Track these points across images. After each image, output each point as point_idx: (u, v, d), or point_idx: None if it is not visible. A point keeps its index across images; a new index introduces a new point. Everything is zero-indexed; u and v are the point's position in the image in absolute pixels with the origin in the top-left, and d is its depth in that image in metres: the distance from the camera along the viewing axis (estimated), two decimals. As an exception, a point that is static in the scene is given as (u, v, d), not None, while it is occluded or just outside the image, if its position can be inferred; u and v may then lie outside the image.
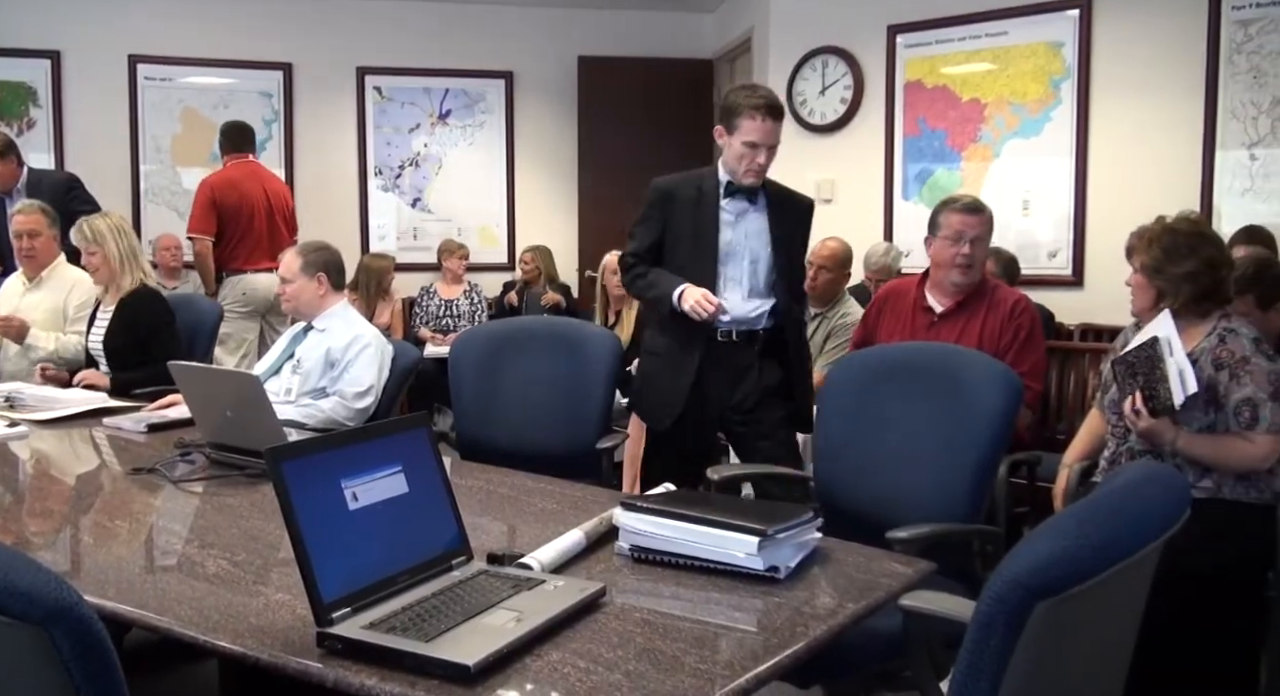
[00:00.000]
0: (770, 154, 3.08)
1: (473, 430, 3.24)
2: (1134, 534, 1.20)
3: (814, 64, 6.02)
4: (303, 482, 1.48)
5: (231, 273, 5.62)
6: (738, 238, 3.16)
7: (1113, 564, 1.14)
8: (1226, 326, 2.62)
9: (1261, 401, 2.51)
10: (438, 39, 7.16)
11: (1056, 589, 1.09)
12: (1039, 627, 1.08)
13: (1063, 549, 1.12)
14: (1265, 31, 4.64)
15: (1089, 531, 1.15)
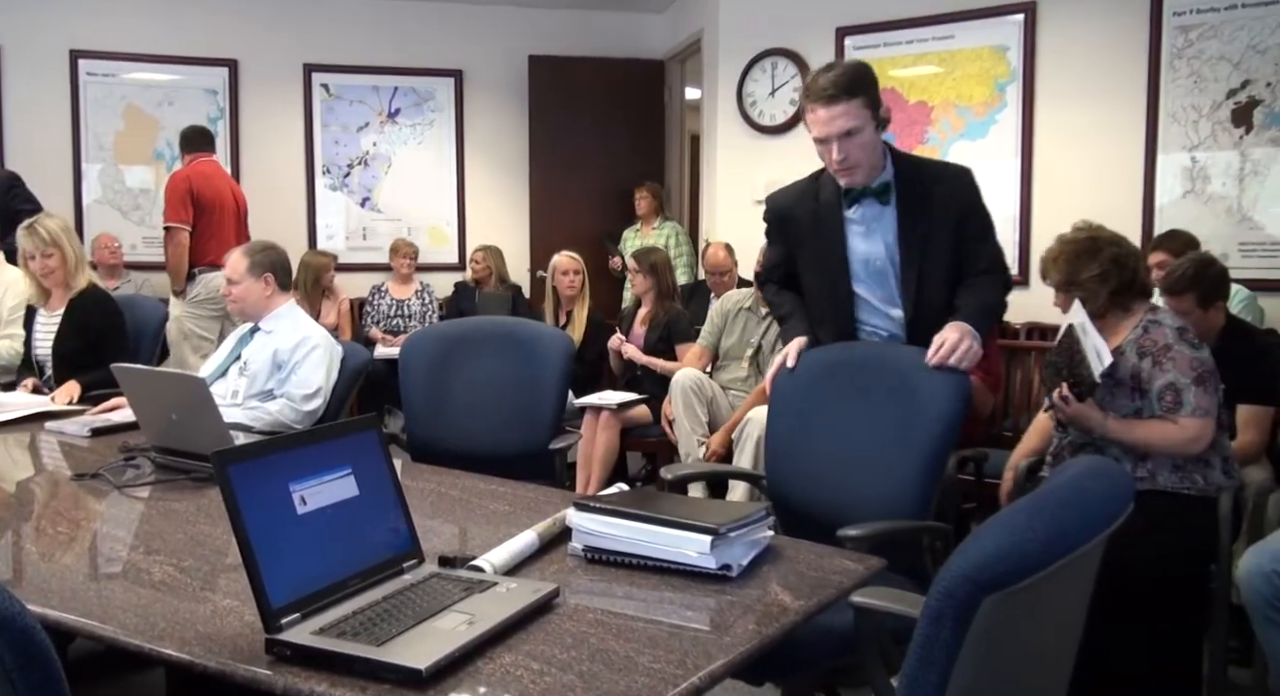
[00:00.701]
0: (848, 144, 2.48)
1: (424, 431, 3.22)
2: (1080, 527, 1.22)
3: (763, 65, 6.05)
4: (250, 486, 1.46)
5: (204, 269, 5.53)
6: (873, 250, 2.65)
7: (1059, 557, 1.16)
8: (1151, 318, 2.74)
9: (1184, 386, 2.63)
10: (386, 36, 7.10)
11: (1003, 583, 1.10)
12: (986, 621, 1.10)
13: (1010, 543, 1.13)
14: (1205, 37, 4.75)
15: (1035, 525, 1.17)
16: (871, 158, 2.55)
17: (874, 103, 2.48)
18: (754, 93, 6.10)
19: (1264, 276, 4.56)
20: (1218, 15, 4.71)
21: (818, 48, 5.86)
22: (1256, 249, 4.67)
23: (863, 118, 2.46)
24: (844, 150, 2.49)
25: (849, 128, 2.45)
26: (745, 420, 3.96)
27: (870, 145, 2.52)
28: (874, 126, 2.49)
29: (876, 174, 2.60)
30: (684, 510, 1.81)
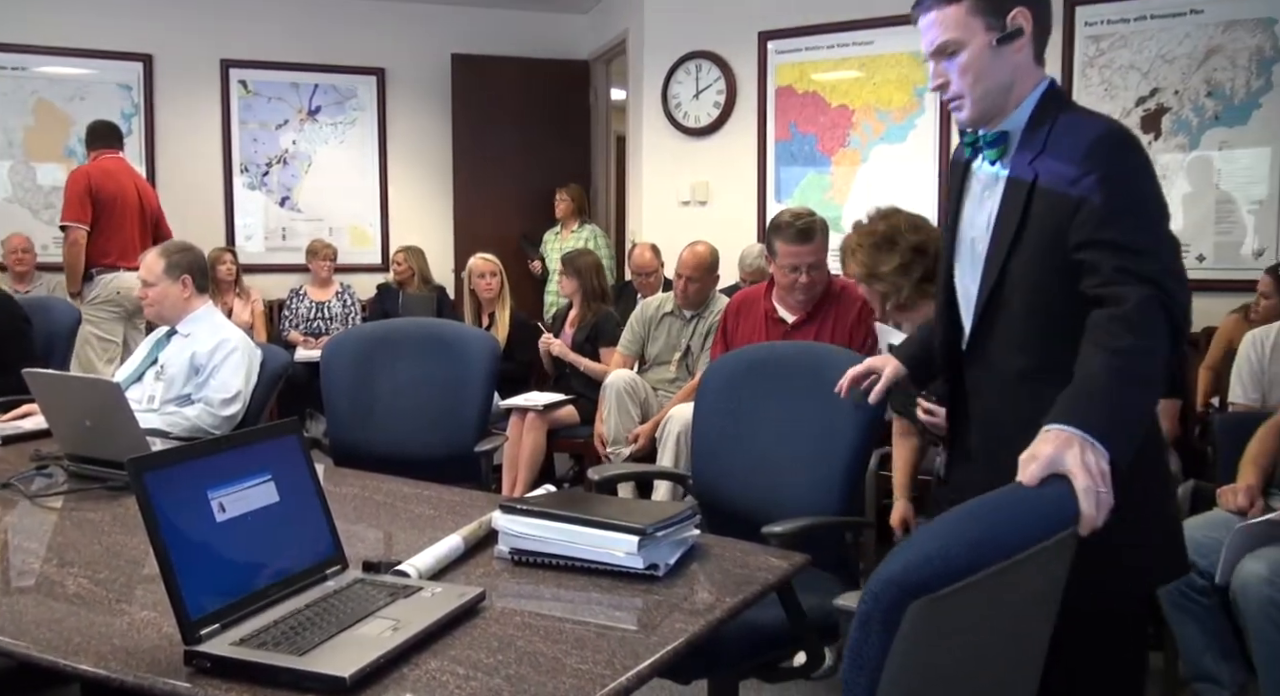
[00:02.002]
0: (945, 66, 1.79)
1: (347, 435, 3.18)
2: (1013, 534, 1.20)
3: (688, 68, 6.09)
4: (167, 494, 1.43)
5: (103, 270, 5.37)
6: (977, 225, 1.89)
7: (986, 564, 1.14)
8: None
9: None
10: (306, 32, 6.98)
11: (928, 588, 1.09)
12: (912, 626, 1.10)
13: (934, 548, 1.13)
14: (1115, 46, 4.90)
15: (964, 530, 1.17)
16: (986, 88, 1.75)
17: (991, 7, 1.73)
18: (679, 95, 6.13)
19: (1171, 277, 4.71)
20: (1128, 26, 4.86)
21: (741, 51, 5.91)
22: (1163, 250, 4.82)
23: (967, 28, 1.73)
24: (939, 74, 1.80)
25: (942, 41, 1.76)
26: (667, 418, 3.98)
27: (979, 69, 1.74)
28: (989, 42, 1.73)
29: (1002, 115, 1.79)
30: (611, 511, 1.82)
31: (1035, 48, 1.76)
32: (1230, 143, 4.68)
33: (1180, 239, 1.63)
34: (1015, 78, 1.74)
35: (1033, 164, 1.72)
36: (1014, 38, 1.71)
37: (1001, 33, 1.71)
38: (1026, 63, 1.75)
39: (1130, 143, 1.66)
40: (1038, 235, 1.71)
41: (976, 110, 1.77)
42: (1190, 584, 2.58)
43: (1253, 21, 4.60)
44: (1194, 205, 4.78)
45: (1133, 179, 1.64)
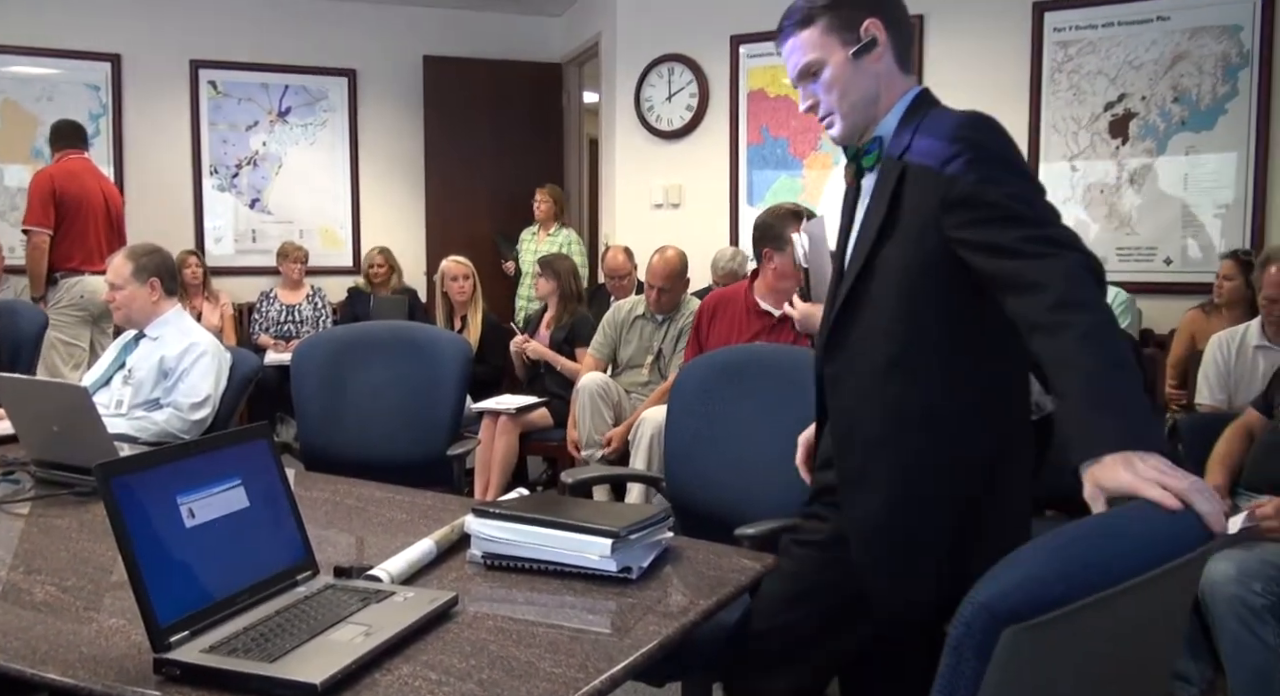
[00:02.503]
0: (810, 88, 1.81)
1: (318, 440, 3.16)
2: (1123, 561, 1.12)
3: (660, 71, 6.09)
4: (135, 500, 1.42)
5: (67, 273, 5.30)
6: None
7: (1087, 592, 1.07)
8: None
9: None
10: (277, 33, 6.94)
11: (1021, 615, 1.04)
12: (1008, 654, 1.04)
13: (1026, 574, 1.07)
14: (1084, 52, 4.95)
15: (1071, 556, 1.10)
16: (852, 102, 1.75)
17: (843, 23, 1.74)
18: (651, 97, 6.14)
19: (1141, 280, 4.78)
20: (1095, 32, 4.92)
21: (713, 55, 5.93)
22: (1133, 253, 4.89)
23: (824, 47, 1.75)
24: (808, 96, 1.81)
25: (804, 63, 1.77)
26: (640, 420, 3.98)
27: (843, 84, 1.74)
28: (847, 57, 1.73)
29: (874, 125, 1.79)
30: (584, 513, 1.82)
31: (897, 55, 1.77)
32: (1197, 147, 4.74)
33: (1148, 242, 1.66)
34: (880, 87, 1.76)
35: (902, 156, 1.71)
36: (869, 48, 1.74)
37: (857, 45, 1.73)
38: (890, 71, 1.76)
39: (994, 124, 1.65)
40: (910, 217, 1.67)
41: (847, 124, 1.78)
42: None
43: (1219, 28, 4.65)
44: (1161, 209, 4.84)
45: (1005, 153, 1.62)
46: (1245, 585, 2.38)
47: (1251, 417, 2.90)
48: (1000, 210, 1.54)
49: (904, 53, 1.77)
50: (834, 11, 1.73)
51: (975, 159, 1.59)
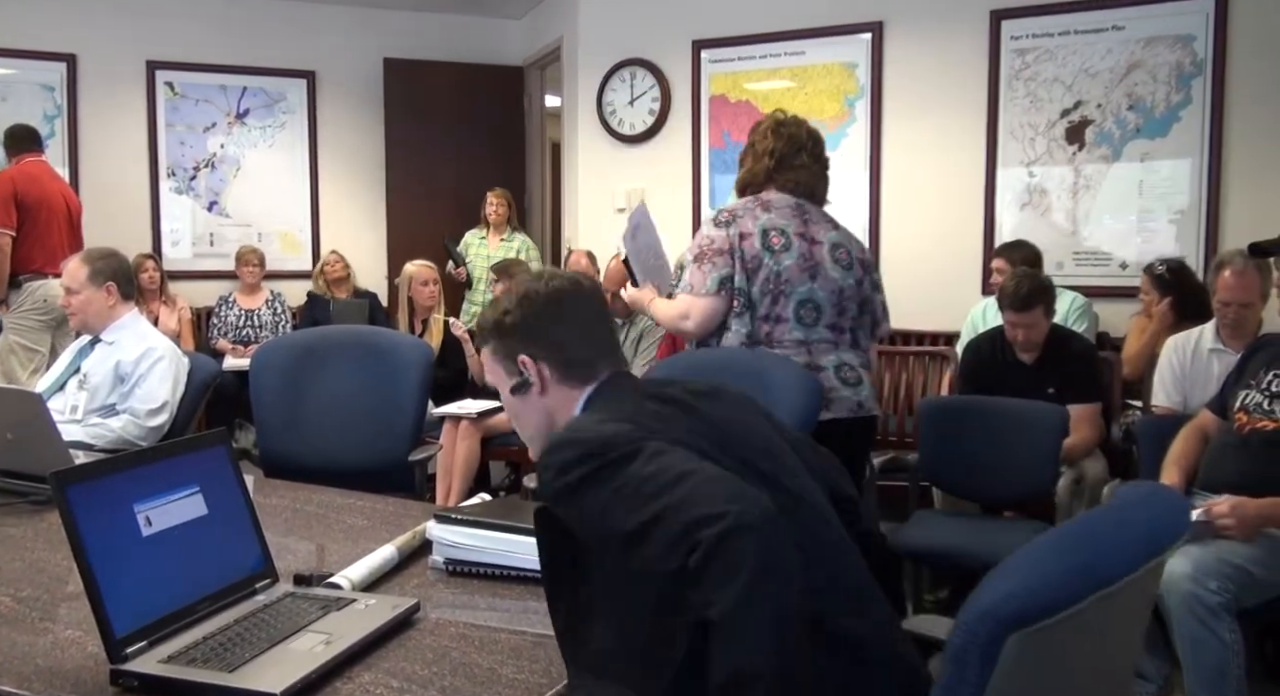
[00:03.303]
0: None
1: (277, 446, 3.12)
2: (1114, 561, 1.14)
3: (622, 75, 6.10)
4: (91, 509, 1.40)
5: (31, 276, 5.21)
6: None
7: (1088, 593, 1.09)
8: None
9: (686, 263, 2.80)
10: (235, 34, 6.86)
11: (1027, 620, 1.05)
12: (1012, 660, 1.04)
13: (1032, 578, 1.08)
14: (1040, 60, 5.02)
15: (1065, 558, 1.12)
16: (529, 435, 1.64)
17: (505, 352, 1.60)
18: (614, 102, 6.14)
19: (1096, 284, 4.84)
20: (1052, 40, 4.98)
21: (675, 60, 5.94)
22: (1089, 258, 4.95)
23: (493, 373, 1.64)
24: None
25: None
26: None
27: (515, 415, 1.65)
28: (509, 390, 1.60)
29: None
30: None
31: (561, 375, 1.56)
32: (1151, 154, 4.82)
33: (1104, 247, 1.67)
34: (552, 416, 1.57)
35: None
36: (525, 387, 1.57)
37: (517, 380, 1.58)
38: (559, 397, 1.56)
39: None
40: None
41: (533, 448, 1.62)
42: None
43: (1172, 38, 4.73)
44: (1117, 215, 4.91)
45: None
46: (1201, 583, 2.42)
47: (1206, 419, 2.95)
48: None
49: (571, 368, 1.55)
50: (496, 340, 1.59)
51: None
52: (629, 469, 1.26)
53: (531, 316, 1.56)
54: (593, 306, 1.62)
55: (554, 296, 1.58)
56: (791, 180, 2.86)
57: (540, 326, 1.56)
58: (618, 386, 1.55)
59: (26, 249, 5.18)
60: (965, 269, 5.20)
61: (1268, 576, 2.52)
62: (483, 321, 1.63)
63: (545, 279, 1.61)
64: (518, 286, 1.61)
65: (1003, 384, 3.61)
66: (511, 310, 1.58)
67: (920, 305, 5.29)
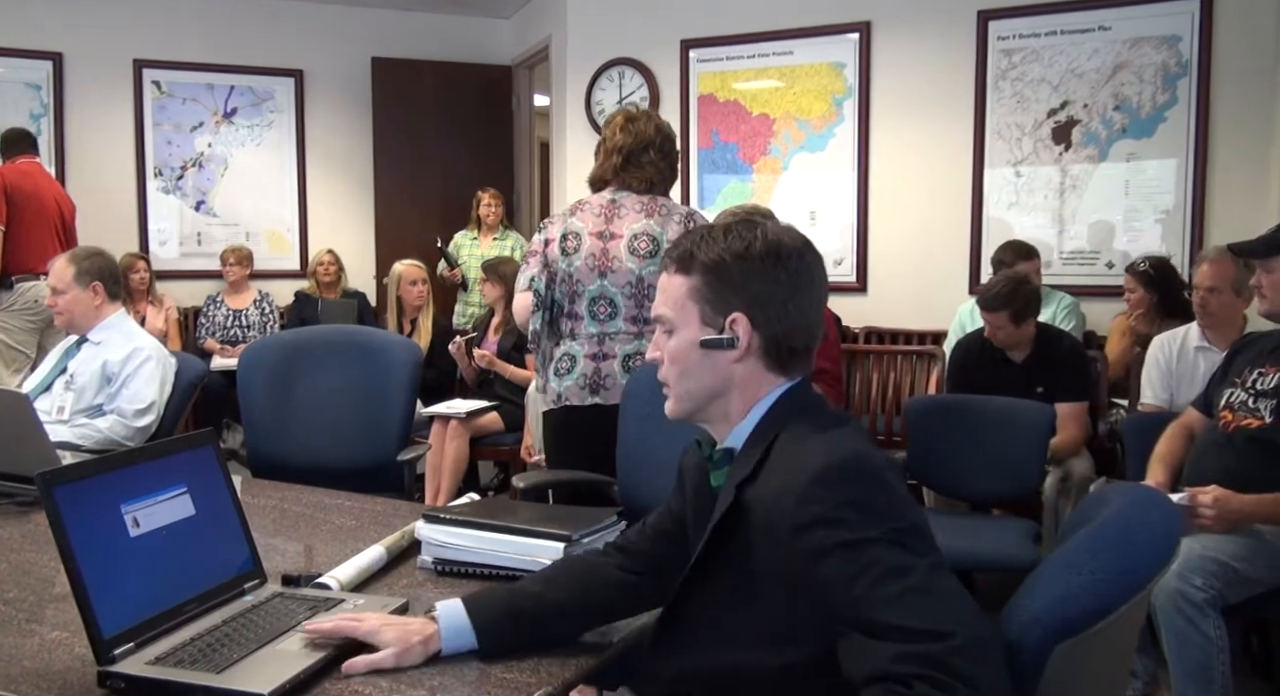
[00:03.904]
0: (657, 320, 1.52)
1: (265, 446, 3.12)
2: (1145, 561, 1.14)
3: (611, 74, 6.10)
4: (78, 509, 1.39)
5: (23, 277, 5.18)
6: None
7: (1132, 594, 1.08)
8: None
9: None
10: (222, 33, 6.83)
11: (1076, 627, 1.03)
12: (1061, 668, 1.03)
13: (1080, 584, 1.06)
14: (1027, 60, 5.03)
15: (1103, 564, 1.09)
16: (688, 388, 1.44)
17: (712, 296, 1.39)
18: (602, 101, 6.14)
19: (1084, 283, 4.86)
20: (1039, 40, 5.00)
21: (664, 59, 5.95)
22: (1076, 257, 4.98)
23: (683, 309, 1.42)
24: (656, 345, 1.49)
25: (660, 312, 1.45)
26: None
27: (684, 363, 1.43)
28: (696, 339, 1.40)
29: (725, 425, 1.45)
30: (535, 518, 1.82)
31: (768, 361, 1.38)
32: (1138, 154, 4.84)
33: (1091, 246, 1.66)
34: (732, 386, 1.39)
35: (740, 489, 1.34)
36: (721, 346, 1.37)
37: (713, 334, 1.38)
38: (752, 374, 1.39)
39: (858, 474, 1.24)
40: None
41: (680, 406, 1.45)
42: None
43: (1158, 39, 4.76)
44: (1103, 214, 4.93)
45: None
46: (1186, 580, 2.43)
47: (1191, 417, 2.97)
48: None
49: (779, 352, 1.38)
50: (709, 278, 1.37)
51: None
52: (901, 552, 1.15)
53: (771, 274, 1.34)
54: (823, 291, 1.40)
55: (804, 261, 1.36)
56: (637, 178, 2.90)
57: (775, 291, 1.34)
58: (819, 399, 1.40)
59: (20, 248, 5.16)
60: (953, 268, 5.22)
61: (1252, 572, 2.53)
62: (697, 248, 1.37)
63: (792, 234, 1.38)
64: (765, 231, 1.36)
65: (992, 383, 3.62)
66: (750, 256, 1.34)
67: (908, 304, 5.32)
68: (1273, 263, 2.70)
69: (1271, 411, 2.67)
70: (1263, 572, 2.56)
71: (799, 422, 1.34)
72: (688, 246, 1.39)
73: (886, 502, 1.21)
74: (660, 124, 2.98)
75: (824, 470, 1.22)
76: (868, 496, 1.21)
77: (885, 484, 1.22)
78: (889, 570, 1.14)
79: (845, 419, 1.39)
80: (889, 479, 1.23)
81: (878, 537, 1.16)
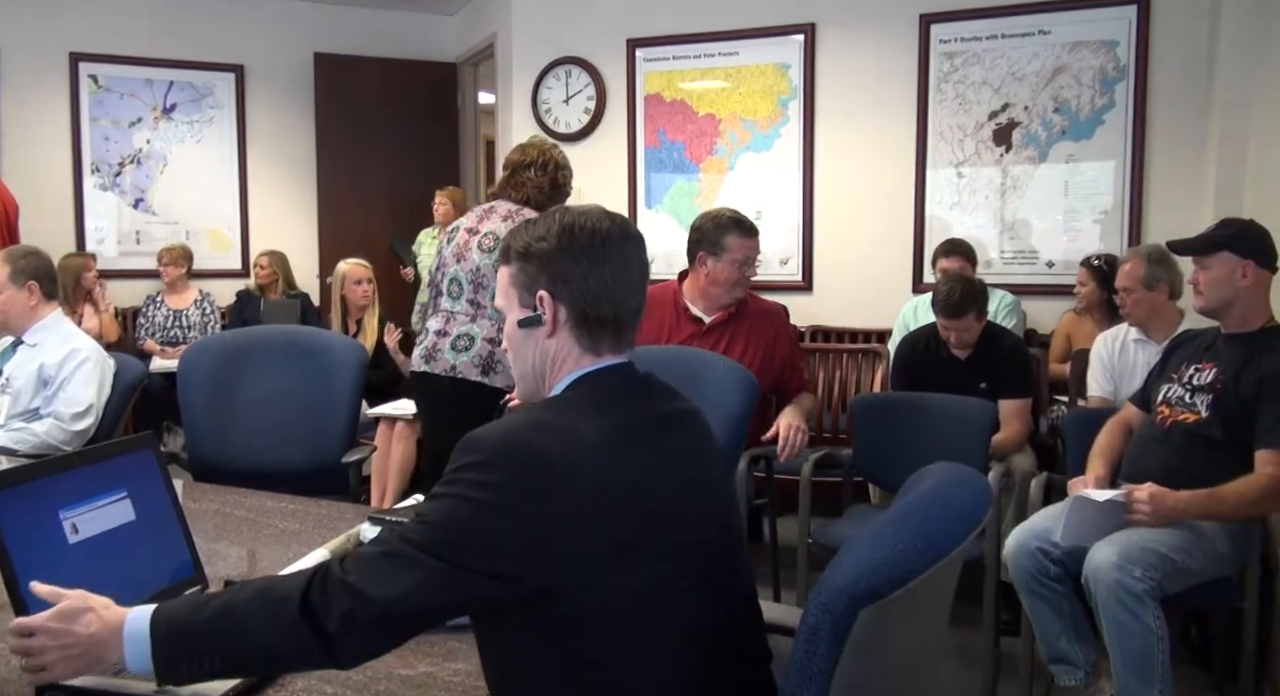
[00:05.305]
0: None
1: (207, 449, 3.06)
2: (945, 535, 1.25)
3: (557, 73, 6.08)
4: (15, 516, 1.36)
5: None
6: None
7: (929, 565, 1.19)
8: None
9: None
10: (160, 26, 6.69)
11: (879, 594, 1.12)
12: (863, 633, 1.12)
13: (882, 555, 1.16)
14: (968, 63, 5.10)
15: (903, 536, 1.20)
16: (520, 372, 1.51)
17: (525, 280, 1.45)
18: (549, 100, 6.12)
19: (1024, 282, 4.95)
20: (980, 44, 5.08)
21: (610, 58, 5.94)
22: (1017, 257, 5.06)
23: (507, 296, 1.51)
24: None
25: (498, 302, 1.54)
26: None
27: (513, 346, 1.50)
28: (516, 320, 1.49)
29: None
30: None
31: (583, 338, 1.42)
32: (1077, 156, 4.93)
33: (1031, 246, 1.70)
34: (549, 364, 1.44)
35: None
36: (533, 324, 1.43)
37: (529, 314, 1.43)
38: (566, 350, 1.43)
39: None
40: None
41: (520, 387, 1.51)
42: (1044, 571, 2.70)
43: (1097, 43, 4.85)
44: (1043, 214, 5.02)
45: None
46: (1126, 571, 2.48)
47: (1130, 412, 3.03)
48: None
49: (587, 324, 1.42)
50: (521, 264, 1.44)
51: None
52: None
53: (567, 252, 1.41)
54: (636, 267, 1.46)
55: (600, 238, 1.42)
56: (515, 190, 3.46)
57: (572, 266, 1.40)
58: (627, 387, 1.44)
59: None
60: (897, 268, 5.28)
61: (1191, 564, 2.60)
62: (512, 239, 1.46)
63: (594, 216, 1.44)
64: (563, 215, 1.44)
65: (937, 380, 3.67)
66: (548, 238, 1.41)
67: (852, 303, 5.37)
68: (1210, 260, 2.77)
69: (1207, 406, 2.73)
70: (1201, 565, 2.62)
71: (565, 396, 1.40)
72: (506, 240, 1.47)
73: (477, 482, 1.25)
74: (548, 151, 3.54)
75: (472, 435, 1.30)
76: (468, 473, 1.26)
77: (494, 470, 1.25)
78: (376, 547, 1.29)
79: (608, 409, 1.37)
80: (505, 470, 1.25)
81: (437, 493, 1.28)
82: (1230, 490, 2.59)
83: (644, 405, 1.42)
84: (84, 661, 1.28)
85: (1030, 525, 2.80)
